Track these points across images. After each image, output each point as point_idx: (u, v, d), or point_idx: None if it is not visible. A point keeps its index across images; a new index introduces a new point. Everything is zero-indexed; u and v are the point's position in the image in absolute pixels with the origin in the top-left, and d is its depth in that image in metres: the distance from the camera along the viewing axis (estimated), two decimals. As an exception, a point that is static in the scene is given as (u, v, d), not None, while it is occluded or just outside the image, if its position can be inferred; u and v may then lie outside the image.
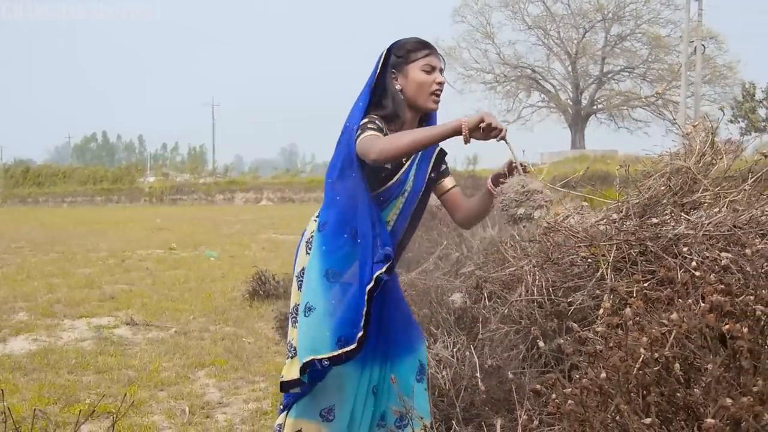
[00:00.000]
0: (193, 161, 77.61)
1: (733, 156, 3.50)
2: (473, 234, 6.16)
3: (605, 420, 1.99)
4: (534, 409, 3.12)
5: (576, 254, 3.60)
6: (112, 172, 62.24)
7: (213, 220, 29.53)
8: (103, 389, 5.63)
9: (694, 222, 3.05)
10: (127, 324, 8.18)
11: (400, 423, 3.10)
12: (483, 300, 4.39)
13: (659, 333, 2.09)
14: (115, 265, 13.85)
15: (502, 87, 57.69)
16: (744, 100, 51.96)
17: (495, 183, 3.00)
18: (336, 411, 3.04)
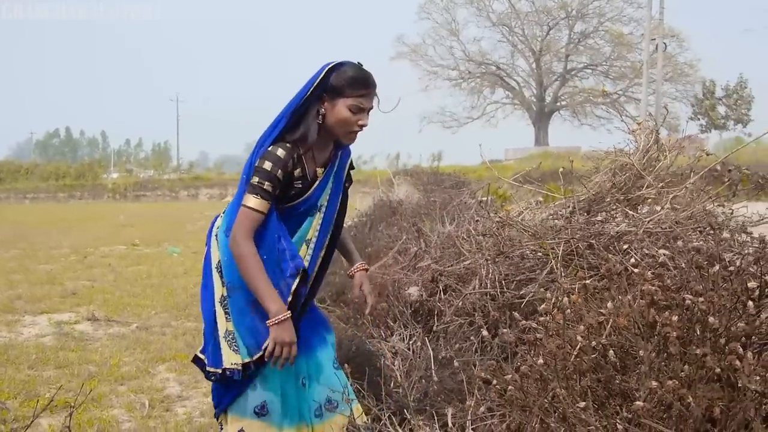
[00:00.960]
0: (157, 157, 77.12)
1: (676, 153, 3.62)
2: (432, 229, 6.24)
3: (543, 405, 2.08)
4: (485, 398, 3.22)
5: (527, 248, 3.71)
6: (75, 169, 61.68)
7: (177, 217, 29.38)
8: (63, 384, 5.64)
9: (635, 219, 3.16)
10: (88, 320, 8.16)
11: (330, 405, 3.29)
12: (438, 293, 4.49)
13: (596, 322, 2.19)
14: (77, 262, 13.77)
15: (467, 84, 58.11)
16: (704, 97, 52.74)
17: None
18: (268, 406, 3.18)
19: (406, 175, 14.99)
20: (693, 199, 3.28)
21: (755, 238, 2.93)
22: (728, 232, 2.90)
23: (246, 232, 3.00)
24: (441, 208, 6.89)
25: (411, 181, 13.67)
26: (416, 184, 13.03)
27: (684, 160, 3.74)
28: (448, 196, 8.51)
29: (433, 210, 6.97)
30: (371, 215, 9.22)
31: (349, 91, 2.98)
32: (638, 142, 3.71)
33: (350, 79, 2.99)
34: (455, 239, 4.68)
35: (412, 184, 12.89)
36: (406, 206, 8.64)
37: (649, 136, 3.68)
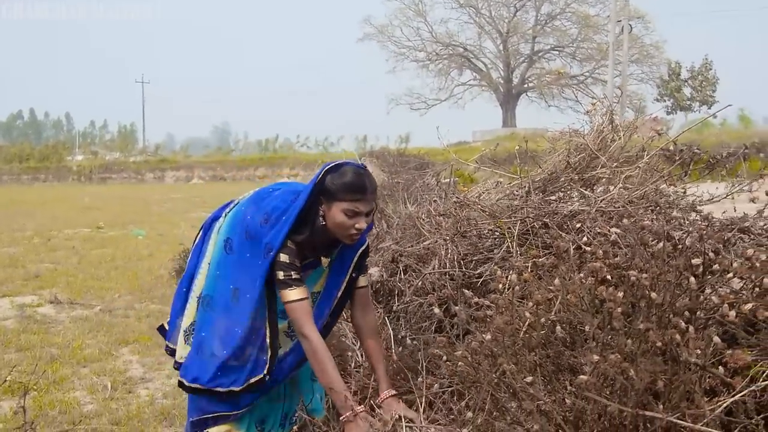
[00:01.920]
0: (123, 139, 76.29)
1: (629, 133, 3.67)
2: (395, 210, 6.28)
3: (492, 380, 2.13)
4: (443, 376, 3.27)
5: (484, 228, 3.75)
6: (39, 151, 60.90)
7: (142, 199, 29.18)
8: (24, 366, 5.63)
9: (588, 199, 3.21)
10: (51, 302, 8.14)
11: (284, 421, 3.49)
12: (399, 273, 4.51)
13: (545, 299, 2.23)
14: (41, 244, 13.66)
15: (435, 65, 58.02)
16: (670, 79, 53.13)
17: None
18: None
19: (372, 156, 14.98)
20: (646, 179, 3.33)
21: (704, 217, 2.99)
22: (678, 211, 2.96)
23: (307, 322, 3.07)
24: (404, 189, 6.92)
25: (377, 163, 13.67)
26: (382, 166, 13.04)
27: (639, 140, 3.79)
28: (412, 177, 8.54)
29: (397, 191, 7.00)
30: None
31: (341, 195, 3.01)
32: (593, 123, 3.76)
33: (344, 184, 3.02)
34: (416, 220, 4.71)
35: (378, 166, 12.90)
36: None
37: (604, 116, 3.73)
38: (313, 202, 3.07)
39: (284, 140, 63.04)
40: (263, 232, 3.12)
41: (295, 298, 3.06)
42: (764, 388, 1.98)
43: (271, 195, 3.27)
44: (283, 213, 3.11)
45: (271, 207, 3.17)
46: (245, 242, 3.19)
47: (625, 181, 3.35)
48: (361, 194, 3.02)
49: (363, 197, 3.02)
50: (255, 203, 3.27)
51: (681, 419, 1.92)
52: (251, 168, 48.48)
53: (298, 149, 58.03)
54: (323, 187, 3.04)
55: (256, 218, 3.16)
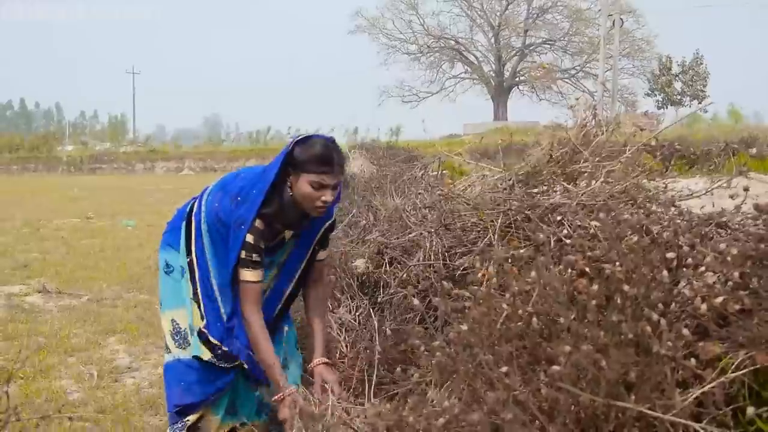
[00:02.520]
0: (113, 130, 76.09)
1: (612, 128, 3.71)
2: (382, 203, 6.31)
3: (468, 371, 2.16)
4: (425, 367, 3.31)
5: (468, 221, 3.79)
6: (29, 141, 60.78)
7: (132, 190, 29.17)
8: (11, 355, 5.65)
9: (570, 192, 3.26)
10: (39, 292, 8.15)
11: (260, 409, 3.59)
12: (384, 265, 4.55)
13: (522, 290, 2.27)
14: (30, 234, 13.66)
15: (426, 58, 58.08)
16: (661, 73, 53.20)
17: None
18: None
19: (362, 149, 15.00)
20: (627, 174, 3.37)
21: (679, 211, 3.03)
22: (657, 206, 3.00)
23: (252, 303, 3.21)
24: (391, 181, 6.96)
25: (367, 156, 13.70)
26: (371, 159, 13.07)
27: (622, 135, 3.84)
28: (400, 170, 8.58)
29: (384, 184, 7.04)
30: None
31: (310, 167, 3.07)
32: (577, 117, 3.80)
33: (312, 156, 3.08)
34: (402, 212, 4.75)
35: (368, 159, 12.93)
36: (359, 180, 8.70)
37: (588, 110, 3.77)
38: (282, 173, 3.13)
39: (275, 132, 62.97)
40: (233, 211, 3.19)
41: (250, 279, 3.18)
42: (734, 379, 2.02)
43: (237, 178, 3.34)
44: (252, 188, 3.17)
45: (237, 188, 3.24)
46: (221, 229, 3.28)
47: (606, 175, 3.39)
48: (328, 166, 3.08)
49: (330, 170, 3.09)
50: (221, 189, 3.33)
51: (652, 410, 1.96)
52: (242, 159, 48.41)
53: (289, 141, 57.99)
54: (292, 158, 3.10)
55: (225, 202, 3.23)
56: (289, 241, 3.40)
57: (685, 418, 1.95)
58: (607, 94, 41.38)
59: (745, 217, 2.86)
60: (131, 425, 4.26)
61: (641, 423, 2.06)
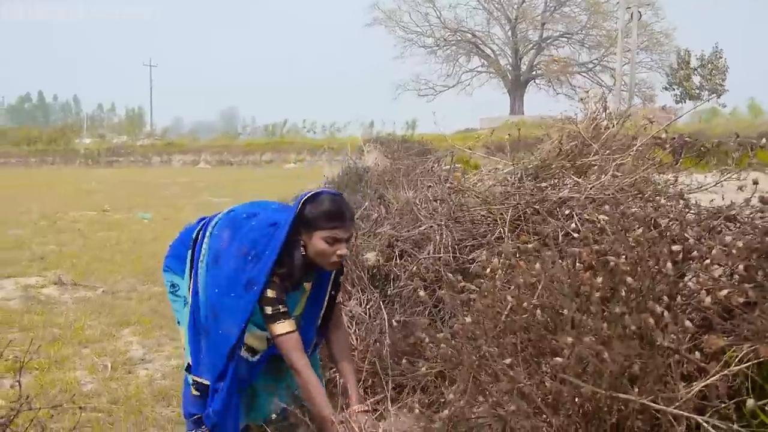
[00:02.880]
0: (130, 123, 76.30)
1: (622, 121, 3.71)
2: (395, 196, 6.32)
3: (473, 362, 2.18)
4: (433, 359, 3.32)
5: (477, 214, 3.79)
6: (47, 133, 60.93)
7: (149, 183, 29.26)
8: (26, 346, 5.69)
9: (579, 186, 3.25)
10: (55, 284, 8.20)
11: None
12: (395, 258, 4.57)
13: (527, 283, 2.28)
14: (47, 227, 13.74)
15: (443, 51, 57.89)
16: (679, 67, 52.80)
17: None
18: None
19: (376, 142, 15.01)
20: (637, 167, 3.36)
21: (685, 204, 3.03)
22: (665, 199, 3.00)
23: (297, 352, 3.18)
24: (404, 175, 6.96)
25: (381, 149, 13.70)
26: (386, 152, 13.08)
27: (632, 128, 3.83)
28: (413, 163, 8.58)
29: (397, 177, 7.04)
30: (338, 182, 9.29)
31: (321, 224, 3.09)
32: (587, 110, 3.80)
33: (323, 213, 3.11)
34: (413, 206, 4.75)
35: (382, 152, 12.94)
36: (373, 173, 8.72)
37: (598, 104, 3.76)
38: (292, 234, 3.13)
39: (291, 125, 62.93)
40: (240, 266, 3.18)
41: (284, 331, 3.15)
42: (737, 372, 2.02)
43: (248, 224, 3.30)
44: (265, 248, 3.16)
45: (249, 240, 3.21)
46: (212, 269, 3.27)
47: (616, 168, 3.39)
48: (341, 221, 3.11)
49: (342, 224, 3.12)
50: (230, 228, 3.31)
51: (655, 402, 1.96)
52: (258, 153, 48.52)
53: (304, 134, 57.95)
54: (303, 217, 3.10)
55: (232, 248, 3.22)
56: (305, 292, 3.42)
57: (688, 411, 1.96)
58: (624, 87, 41.22)
59: (754, 210, 2.85)
60: (143, 416, 4.29)
61: (644, 416, 2.07)
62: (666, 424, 2.00)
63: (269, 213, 3.37)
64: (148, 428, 4.16)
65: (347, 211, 3.18)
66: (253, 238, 3.22)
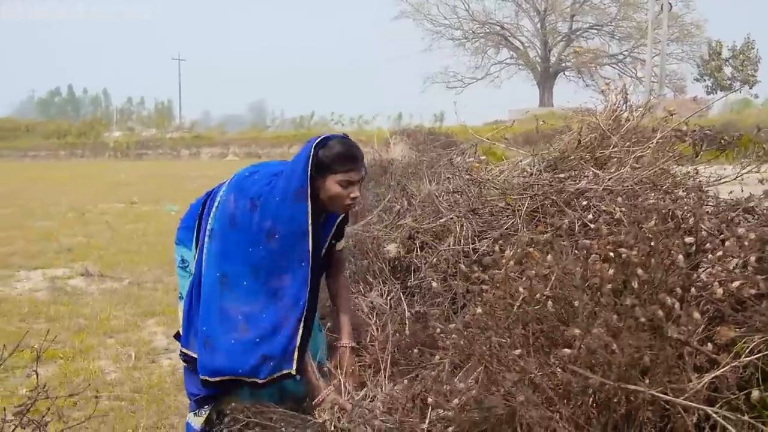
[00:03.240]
0: (159, 116, 76.71)
1: (642, 113, 3.68)
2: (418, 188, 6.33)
3: (484, 353, 2.18)
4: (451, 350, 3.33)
5: (496, 205, 3.79)
6: (77, 127, 61.43)
7: (177, 175, 29.43)
8: (53, 336, 5.77)
9: (597, 177, 3.24)
10: (82, 275, 8.32)
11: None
12: (416, 250, 4.57)
13: (540, 274, 2.28)
14: (75, 219, 13.91)
15: (471, 44, 57.61)
16: (710, 58, 52.28)
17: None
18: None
19: (402, 135, 14.98)
20: (657, 159, 3.34)
21: (699, 196, 3.01)
22: (684, 191, 2.98)
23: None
24: (428, 167, 6.96)
25: (407, 142, 13.67)
26: (412, 145, 13.05)
27: (652, 120, 3.81)
28: (438, 155, 8.56)
29: (421, 169, 7.04)
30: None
31: (334, 167, 3.09)
32: (607, 102, 3.78)
33: (337, 155, 3.10)
34: (434, 197, 4.75)
35: (408, 144, 12.91)
36: (397, 166, 8.70)
37: (619, 95, 3.74)
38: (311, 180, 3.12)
39: (319, 118, 62.97)
40: (251, 218, 3.16)
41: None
42: (747, 364, 2.01)
43: (251, 179, 3.29)
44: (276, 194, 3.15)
45: (254, 191, 3.18)
46: (228, 231, 3.21)
47: (635, 161, 3.37)
48: (354, 163, 3.13)
49: (355, 166, 3.14)
50: (237, 189, 3.27)
51: (665, 394, 1.96)
52: (285, 145, 48.60)
53: (332, 127, 57.96)
54: (316, 162, 3.10)
55: (240, 204, 3.19)
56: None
57: (698, 403, 1.95)
58: (654, 79, 40.88)
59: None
60: (165, 404, 4.35)
61: (655, 407, 2.06)
62: (675, 416, 2.00)
63: (270, 167, 3.39)
64: (169, 416, 4.22)
65: (359, 152, 3.20)
66: (256, 190, 3.20)
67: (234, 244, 3.19)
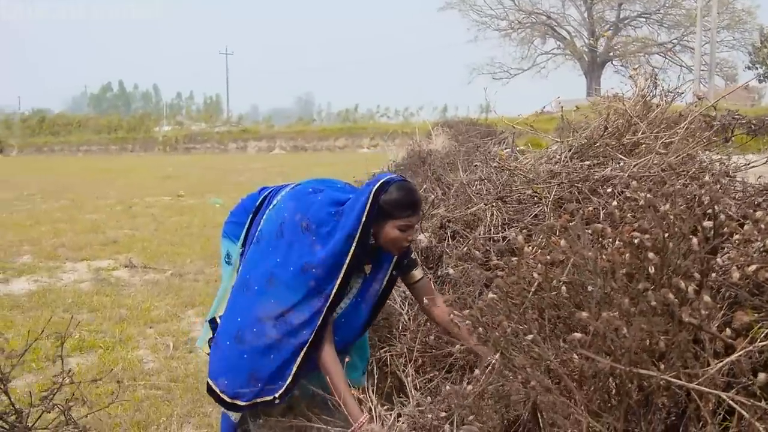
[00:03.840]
0: (208, 110, 77.54)
1: (671, 99, 3.64)
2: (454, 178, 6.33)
3: (498, 339, 2.18)
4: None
5: (523, 193, 3.78)
6: (127, 121, 62.47)
7: (223, 169, 29.72)
8: (95, 326, 5.89)
9: (623, 164, 3.22)
10: (125, 266, 8.45)
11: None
12: (447, 239, 4.58)
13: (556, 259, 2.27)
14: (122, 212, 14.14)
15: (517, 34, 57.12)
16: (762, 45, 51.22)
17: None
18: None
19: (445, 126, 14.96)
20: (685, 145, 3.30)
21: (738, 182, 2.97)
22: (710, 176, 2.94)
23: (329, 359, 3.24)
24: (465, 157, 6.95)
25: (449, 133, 13.66)
26: (454, 136, 13.03)
27: (680, 106, 3.76)
28: (475, 145, 8.56)
29: (458, 159, 7.03)
30: (402, 165, 9.31)
31: (397, 213, 3.10)
32: (636, 88, 3.74)
33: (398, 202, 3.10)
34: (466, 187, 4.75)
35: (450, 136, 12.90)
36: (435, 156, 8.70)
37: (648, 81, 3.70)
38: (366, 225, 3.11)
39: (366, 110, 63.07)
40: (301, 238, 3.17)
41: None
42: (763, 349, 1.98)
43: (314, 197, 3.28)
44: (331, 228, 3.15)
45: (312, 214, 3.18)
46: (273, 240, 3.24)
47: (663, 147, 3.33)
48: (414, 209, 3.14)
49: (415, 212, 3.15)
50: (296, 201, 3.29)
51: (679, 378, 1.94)
52: (332, 138, 48.83)
53: (378, 119, 57.98)
54: (378, 207, 3.09)
55: (295, 218, 3.19)
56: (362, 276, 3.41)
57: (714, 388, 1.93)
58: (704, 67, 40.21)
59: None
60: (200, 393, 4.40)
61: (670, 392, 2.05)
62: (684, 401, 1.99)
63: (334, 191, 3.36)
64: (204, 405, 4.27)
65: (418, 197, 3.21)
66: (316, 216, 3.20)
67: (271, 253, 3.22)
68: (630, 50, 55.19)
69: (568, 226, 2.31)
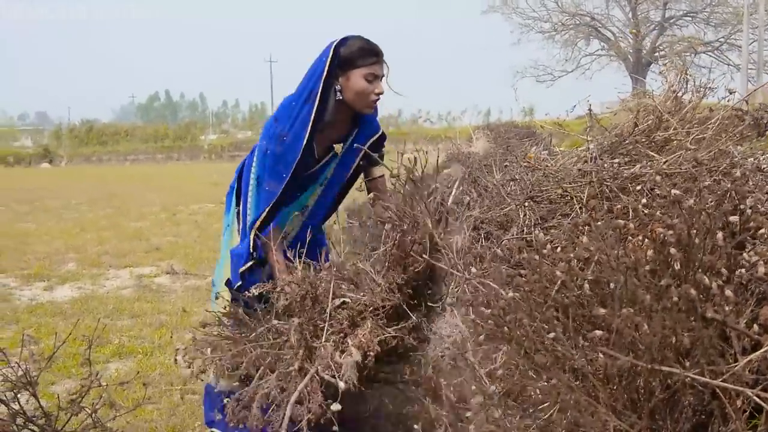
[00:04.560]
0: (253, 118, 78.13)
1: (701, 95, 3.58)
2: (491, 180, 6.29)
3: (518, 338, 2.16)
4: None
5: (553, 192, 3.74)
6: (174, 130, 63.27)
7: (268, 175, 29.87)
8: (135, 332, 5.96)
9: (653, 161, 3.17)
10: (167, 273, 8.54)
11: None
12: (480, 240, 4.55)
13: (576, 257, 2.24)
14: (166, 219, 14.31)
15: (561, 36, 56.75)
16: (811, 42, 50.23)
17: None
18: None
19: (485, 129, 14.89)
20: (716, 141, 3.24)
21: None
22: (741, 171, 2.88)
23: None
24: (501, 158, 6.90)
25: (490, 135, 13.59)
26: (494, 138, 12.97)
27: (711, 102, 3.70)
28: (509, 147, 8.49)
29: (494, 160, 6.99)
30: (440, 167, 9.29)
31: (359, 61, 3.14)
32: (667, 84, 3.68)
33: (360, 49, 3.15)
34: (500, 187, 4.72)
35: (489, 138, 12.83)
36: (474, 158, 8.66)
37: (678, 76, 3.64)
38: (326, 79, 3.14)
39: (410, 115, 62.96)
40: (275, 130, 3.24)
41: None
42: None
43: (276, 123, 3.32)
44: (296, 119, 3.18)
45: (280, 130, 3.23)
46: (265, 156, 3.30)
47: (693, 143, 3.27)
48: (377, 56, 3.17)
49: (378, 59, 3.18)
50: (265, 139, 3.34)
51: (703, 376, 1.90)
52: (374, 144, 48.87)
53: (421, 124, 57.89)
54: (340, 59, 3.12)
55: (272, 145, 3.23)
56: (337, 156, 3.43)
57: (740, 385, 1.89)
58: (753, 66, 39.56)
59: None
60: (234, 397, 4.42)
61: (695, 390, 2.00)
62: (708, 398, 1.94)
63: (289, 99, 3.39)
64: (239, 409, 4.29)
65: (380, 49, 3.21)
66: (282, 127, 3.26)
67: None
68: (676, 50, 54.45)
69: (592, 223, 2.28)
